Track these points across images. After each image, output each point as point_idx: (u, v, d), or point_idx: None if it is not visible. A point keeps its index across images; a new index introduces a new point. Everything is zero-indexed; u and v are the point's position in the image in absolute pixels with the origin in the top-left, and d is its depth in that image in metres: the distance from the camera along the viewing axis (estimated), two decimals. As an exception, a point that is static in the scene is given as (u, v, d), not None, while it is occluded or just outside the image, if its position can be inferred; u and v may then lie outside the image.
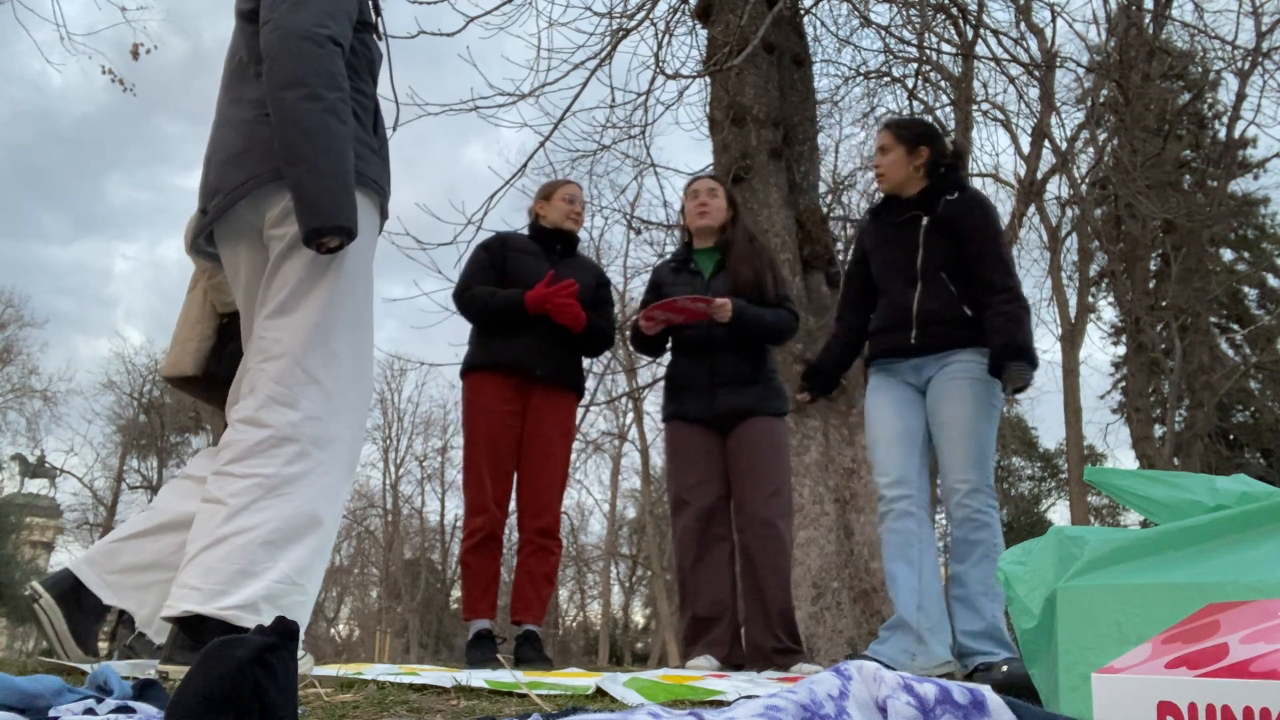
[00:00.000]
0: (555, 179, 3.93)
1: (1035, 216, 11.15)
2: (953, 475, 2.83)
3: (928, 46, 8.29)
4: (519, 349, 3.30)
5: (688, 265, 3.41)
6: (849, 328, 3.21)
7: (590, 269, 3.64)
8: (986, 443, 2.83)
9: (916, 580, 2.80)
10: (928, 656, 2.73)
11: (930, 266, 2.95)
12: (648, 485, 21.43)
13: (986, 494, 2.79)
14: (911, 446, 2.93)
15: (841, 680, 0.76)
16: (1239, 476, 1.30)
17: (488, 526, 3.25)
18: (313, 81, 1.93)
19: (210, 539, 1.82)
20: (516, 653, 3.22)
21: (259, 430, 1.89)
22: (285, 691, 0.81)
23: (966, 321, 2.89)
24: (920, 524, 2.86)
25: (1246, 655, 0.82)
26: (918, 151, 3.04)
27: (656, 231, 9.93)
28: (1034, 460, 24.76)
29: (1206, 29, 8.35)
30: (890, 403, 2.99)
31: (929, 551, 2.85)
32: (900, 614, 2.79)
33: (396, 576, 27.79)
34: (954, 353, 2.89)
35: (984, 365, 2.84)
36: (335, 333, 1.98)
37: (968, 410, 2.83)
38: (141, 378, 26.63)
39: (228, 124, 2.09)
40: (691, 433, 3.23)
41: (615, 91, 6.68)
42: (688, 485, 3.19)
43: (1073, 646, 1.16)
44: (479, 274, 3.43)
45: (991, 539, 2.75)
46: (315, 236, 1.90)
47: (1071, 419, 11.43)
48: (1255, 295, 18.69)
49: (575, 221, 3.58)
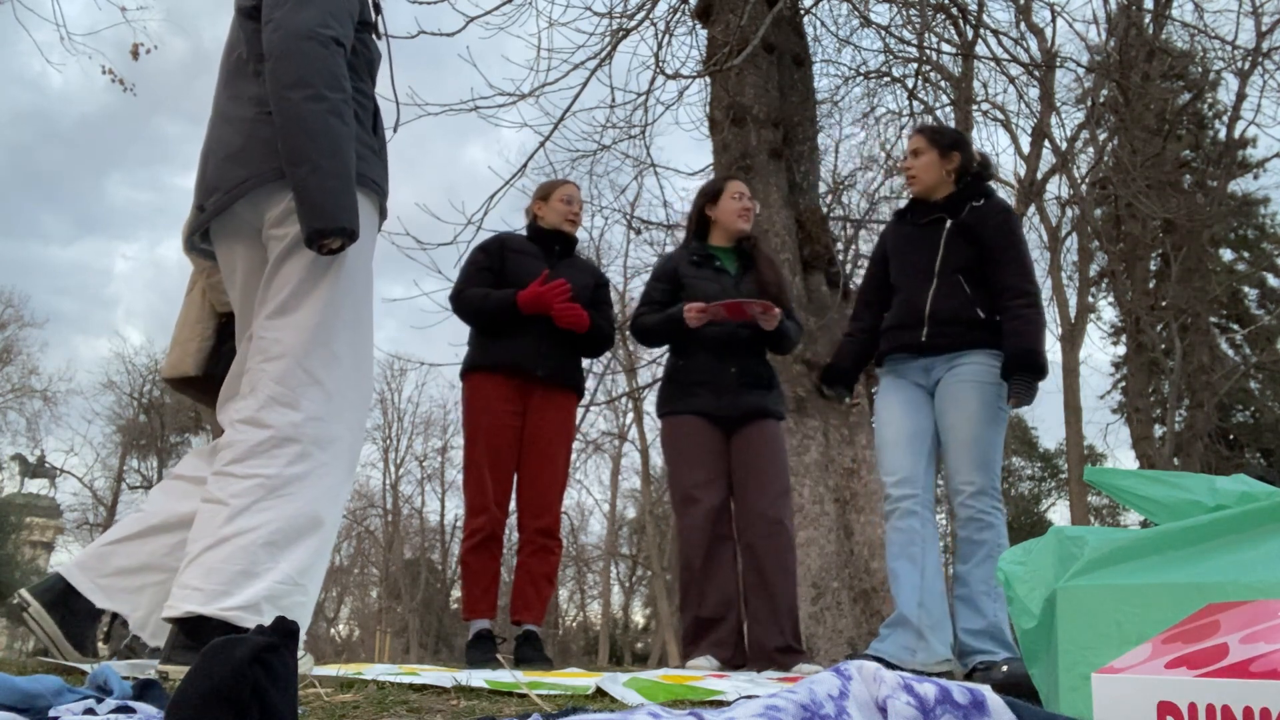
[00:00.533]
0: (554, 179, 3.93)
1: (1035, 216, 11.15)
2: (958, 477, 2.86)
3: (928, 46, 8.29)
4: (518, 350, 3.30)
5: (711, 262, 3.38)
6: (863, 327, 3.22)
7: (588, 269, 3.64)
8: (992, 446, 2.86)
9: (919, 578, 2.82)
10: (928, 653, 2.75)
11: (948, 267, 2.97)
12: (648, 485, 21.43)
13: (992, 496, 2.83)
14: (919, 447, 2.95)
15: (841, 680, 0.76)
16: (1239, 476, 1.30)
17: (488, 527, 3.25)
18: (316, 82, 1.93)
19: (212, 539, 1.82)
20: (516, 653, 3.22)
21: (260, 431, 1.89)
22: (285, 691, 0.81)
23: (979, 323, 2.91)
24: (924, 523, 2.89)
25: (1246, 655, 0.82)
26: (950, 156, 3.09)
27: (656, 231, 9.93)
28: (1034, 460, 24.76)
29: (1206, 29, 8.35)
30: (899, 404, 3.02)
31: (932, 550, 2.87)
32: (901, 611, 2.81)
33: (396, 576, 27.79)
34: (964, 354, 2.91)
35: (993, 368, 2.87)
36: (336, 333, 1.98)
37: (974, 413, 2.85)
38: (141, 378, 26.66)
39: (226, 121, 2.09)
40: (699, 428, 3.21)
41: (615, 91, 6.68)
42: (696, 483, 3.17)
43: (1073, 646, 1.16)
44: (476, 276, 3.43)
45: (995, 540, 2.78)
46: (318, 237, 1.90)
47: (1071, 419, 11.43)
48: (1255, 295, 18.68)
49: (573, 223, 3.57)
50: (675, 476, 3.29)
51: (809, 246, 5.67)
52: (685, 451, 3.24)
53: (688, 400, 3.24)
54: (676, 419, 3.27)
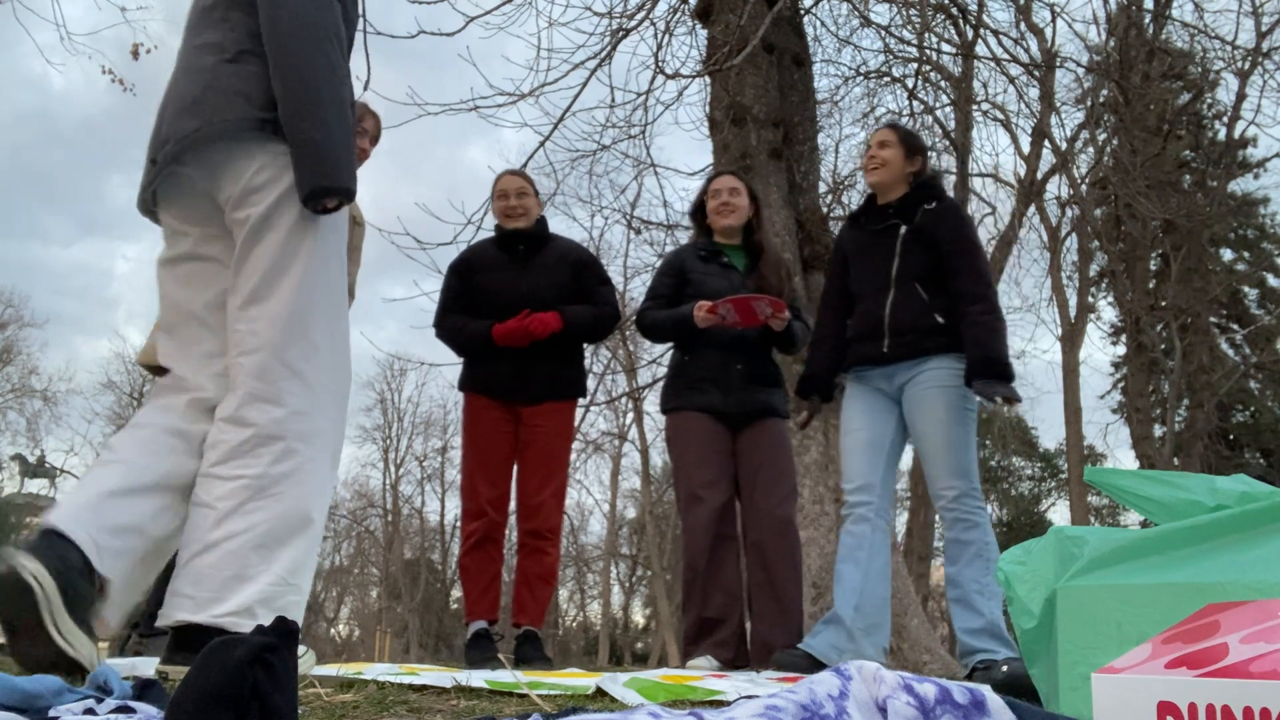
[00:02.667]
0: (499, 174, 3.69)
1: (1035, 216, 11.17)
2: (938, 484, 2.89)
3: (928, 46, 8.30)
4: (503, 377, 3.30)
5: (718, 258, 3.36)
6: (830, 334, 3.21)
7: (564, 259, 3.44)
8: (965, 448, 2.88)
9: (860, 581, 2.87)
10: (855, 655, 2.79)
11: (904, 276, 2.98)
12: (648, 485, 21.44)
13: (973, 496, 2.85)
14: (878, 454, 2.99)
15: (841, 680, 0.76)
16: (1239, 476, 1.30)
17: (482, 530, 3.25)
18: (319, 33, 1.86)
19: (200, 545, 1.78)
20: (516, 653, 3.22)
21: (243, 430, 1.84)
22: (285, 691, 0.81)
23: (938, 329, 2.92)
24: (875, 530, 2.94)
25: (1246, 655, 0.82)
26: (914, 160, 3.10)
27: (656, 231, 9.92)
28: (1034, 460, 24.75)
29: (1206, 29, 8.36)
30: (861, 411, 3.05)
31: (879, 557, 2.92)
32: (836, 610, 2.87)
33: (396, 576, 27.79)
34: (926, 360, 2.92)
35: (955, 371, 2.88)
36: (313, 321, 1.92)
37: (942, 419, 2.87)
38: (141, 378, 26.64)
39: (186, 71, 1.98)
40: (705, 425, 3.21)
41: (615, 91, 6.69)
42: (703, 481, 3.17)
43: (1073, 646, 1.16)
44: (452, 302, 3.42)
45: (982, 538, 2.80)
46: (320, 195, 1.84)
47: (1071, 419, 11.44)
48: (1255, 295, 18.69)
49: (513, 216, 3.40)
50: (681, 475, 3.28)
51: (809, 246, 5.67)
52: (691, 449, 3.23)
53: (693, 396, 3.22)
54: (682, 415, 3.25)
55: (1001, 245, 10.65)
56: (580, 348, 3.48)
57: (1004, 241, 10.66)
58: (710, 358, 3.23)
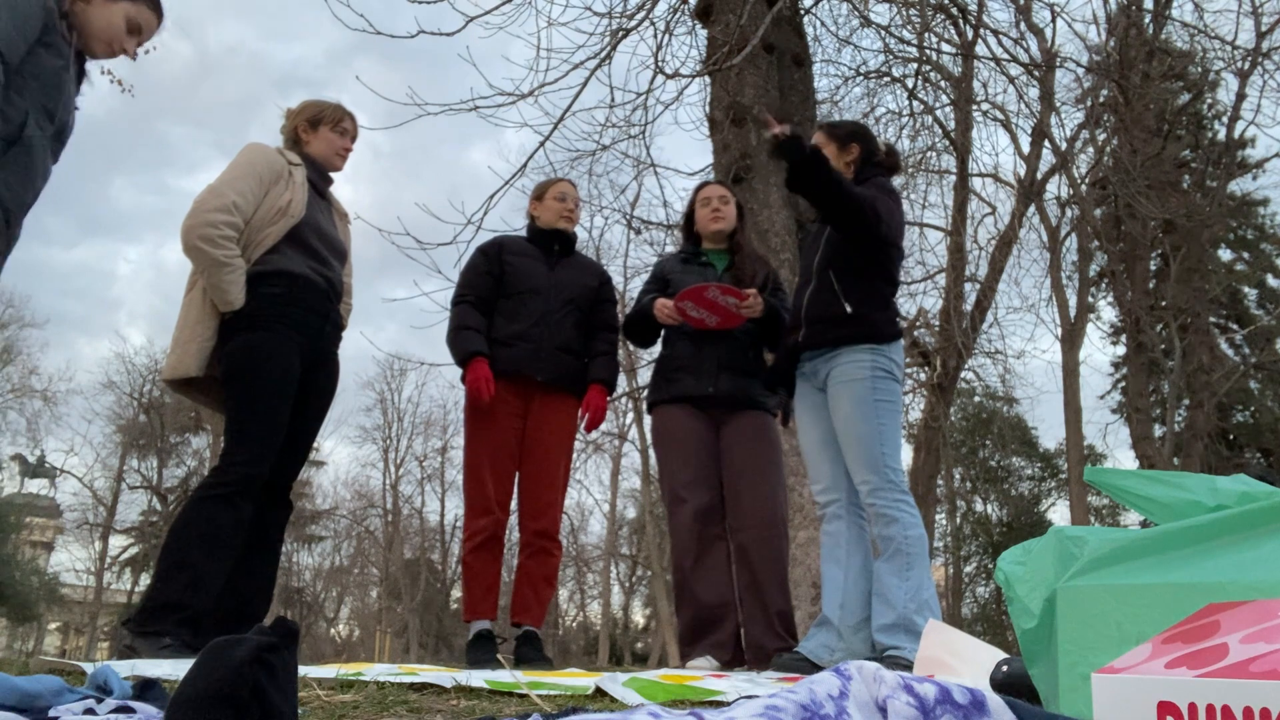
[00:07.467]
0: (549, 178, 3.92)
1: (1035, 216, 11.14)
2: (855, 479, 2.89)
3: (928, 46, 8.30)
4: (519, 355, 3.30)
5: (698, 259, 3.42)
6: (794, 326, 3.23)
7: (590, 269, 3.62)
8: (875, 441, 2.84)
9: (841, 580, 2.89)
10: (846, 653, 2.81)
11: (822, 265, 3.00)
12: (648, 485, 21.41)
13: (890, 489, 2.81)
14: (832, 452, 2.99)
15: (841, 680, 0.76)
16: (1239, 476, 1.30)
17: (490, 528, 3.24)
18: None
19: None
20: (516, 653, 3.22)
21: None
22: (285, 691, 0.81)
23: (846, 319, 2.91)
24: (849, 526, 2.94)
25: (1246, 655, 0.82)
26: (849, 148, 3.09)
27: (656, 231, 9.94)
28: (1034, 460, 24.74)
29: (1206, 29, 8.36)
30: (805, 411, 3.07)
31: (856, 552, 2.92)
32: (824, 613, 2.89)
33: (396, 576, 27.78)
34: (838, 352, 2.92)
35: (863, 364, 2.87)
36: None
37: (849, 413, 2.87)
38: (141, 378, 26.67)
39: None
40: (685, 419, 3.22)
41: (615, 91, 6.69)
42: (684, 481, 3.18)
43: (1073, 646, 1.16)
44: (476, 281, 3.42)
45: (901, 532, 2.77)
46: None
47: (1071, 419, 11.43)
48: (1255, 295, 18.70)
49: (569, 220, 3.55)
50: (664, 474, 3.31)
51: (809, 246, 5.66)
52: (672, 447, 3.25)
53: (669, 387, 3.27)
54: (663, 411, 3.29)
55: (1001, 245, 10.64)
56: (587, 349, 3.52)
57: (1004, 242, 10.65)
58: (685, 347, 3.29)
